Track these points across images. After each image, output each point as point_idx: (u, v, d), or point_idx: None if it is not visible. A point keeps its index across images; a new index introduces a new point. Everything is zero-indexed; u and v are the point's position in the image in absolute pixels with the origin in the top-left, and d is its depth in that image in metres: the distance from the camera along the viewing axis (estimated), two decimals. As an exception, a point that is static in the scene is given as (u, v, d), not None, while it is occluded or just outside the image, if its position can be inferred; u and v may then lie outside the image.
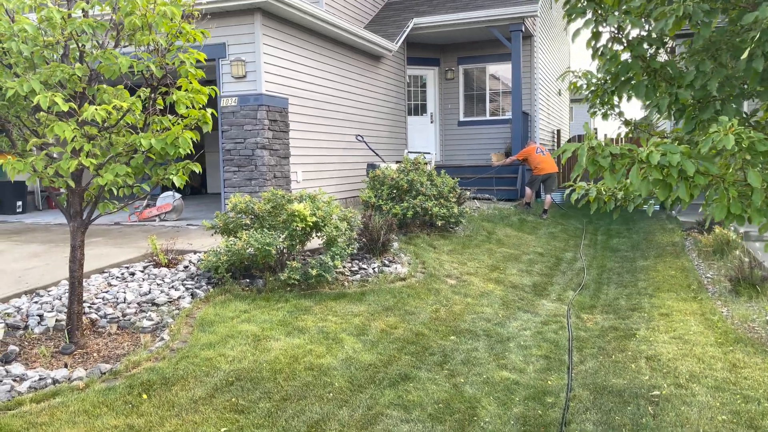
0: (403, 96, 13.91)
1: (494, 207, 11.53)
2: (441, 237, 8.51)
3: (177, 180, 4.63)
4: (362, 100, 11.70)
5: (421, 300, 6.01)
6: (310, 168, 9.76)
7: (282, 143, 8.75)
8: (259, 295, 5.68)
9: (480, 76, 15.43)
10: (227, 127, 8.51)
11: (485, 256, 8.06)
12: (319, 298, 5.68)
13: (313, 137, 9.86)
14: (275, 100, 8.60)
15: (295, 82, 9.28)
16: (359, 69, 11.57)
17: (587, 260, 8.75)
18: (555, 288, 7.20)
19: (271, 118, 8.49)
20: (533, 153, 11.96)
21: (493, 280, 7.13)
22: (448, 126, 15.56)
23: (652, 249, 9.28)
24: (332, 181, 10.51)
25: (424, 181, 8.28)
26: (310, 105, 9.75)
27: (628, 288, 7.23)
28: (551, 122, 17.68)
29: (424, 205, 7.97)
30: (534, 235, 10.15)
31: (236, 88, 8.46)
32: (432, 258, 7.46)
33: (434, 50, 15.21)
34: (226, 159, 8.56)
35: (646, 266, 8.20)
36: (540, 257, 8.60)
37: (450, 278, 6.92)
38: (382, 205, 8.11)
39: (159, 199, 9.45)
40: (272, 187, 8.50)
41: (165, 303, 5.29)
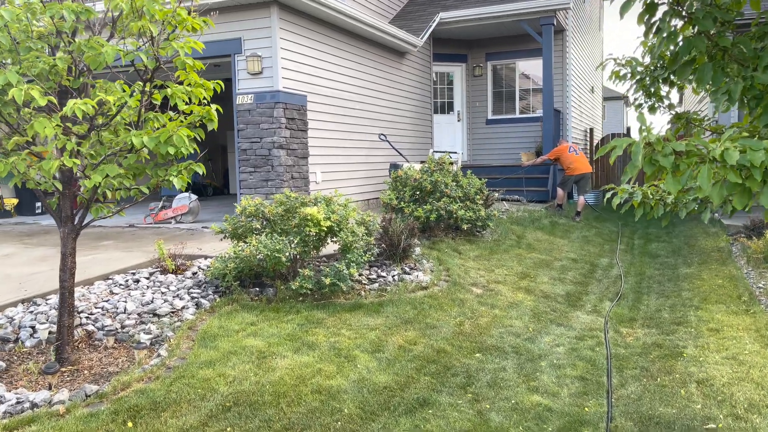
0: (429, 93, 13.43)
1: (524, 209, 10.98)
2: (467, 241, 8.02)
3: (177, 182, 4.27)
4: (386, 98, 11.26)
5: (444, 312, 5.54)
6: (330, 168, 9.36)
7: (300, 142, 8.37)
8: (268, 305, 5.28)
9: (509, 72, 14.85)
10: (243, 126, 8.16)
11: (514, 263, 7.54)
12: (332, 310, 5.26)
13: (334, 136, 9.46)
14: (293, 98, 8.22)
15: (314, 78, 8.89)
16: (382, 65, 11.13)
17: (624, 267, 8.16)
18: (590, 298, 6.66)
19: (289, 116, 8.10)
20: (566, 152, 11.36)
21: (523, 289, 6.62)
22: (476, 124, 15.03)
23: (695, 255, 8.64)
24: (354, 182, 10.10)
25: (449, 182, 7.80)
26: (330, 103, 9.35)
27: (670, 298, 6.64)
28: (583, 120, 17.00)
29: (448, 208, 7.49)
30: (566, 239, 9.58)
31: (252, 85, 8.10)
32: (456, 264, 6.98)
33: (461, 46, 14.69)
34: (241, 159, 8.21)
35: (690, 274, 7.59)
36: (573, 263, 8.04)
37: (476, 287, 6.43)
38: (404, 208, 7.66)
39: (175, 200, 9.15)
40: (289, 188, 8.12)
41: (167, 314, 4.92)
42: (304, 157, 8.49)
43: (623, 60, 3.67)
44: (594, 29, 19.21)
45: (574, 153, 11.35)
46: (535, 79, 14.52)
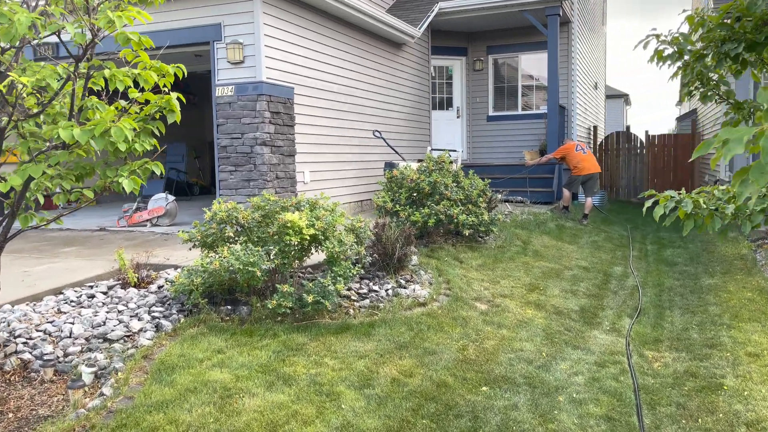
0: (427, 88, 12.71)
1: (528, 211, 10.27)
2: (468, 248, 7.30)
3: (128, 184, 3.58)
4: (381, 92, 10.53)
5: (445, 333, 4.82)
6: (320, 167, 8.63)
7: (286, 139, 7.64)
8: (241, 326, 4.56)
9: (511, 66, 14.14)
10: (223, 121, 7.42)
11: (521, 272, 6.83)
12: (315, 332, 4.53)
13: (324, 132, 8.73)
14: (278, 90, 7.49)
15: (302, 69, 8.15)
16: (378, 57, 10.40)
17: (641, 276, 7.45)
18: (607, 313, 5.95)
19: (273, 109, 7.37)
20: (572, 151, 10.66)
21: (533, 303, 5.90)
22: (476, 121, 14.31)
23: (716, 263, 7.94)
24: (346, 182, 9.37)
25: (449, 183, 7.09)
26: (319, 96, 8.62)
27: (697, 314, 5.94)
28: (588, 118, 16.30)
29: (448, 212, 6.77)
30: (575, 244, 8.87)
31: (233, 76, 7.37)
32: (458, 275, 6.27)
33: (461, 38, 13.97)
34: (221, 157, 7.48)
35: (714, 285, 6.89)
36: (585, 273, 7.34)
37: (480, 302, 5.72)
38: (399, 211, 6.94)
39: (151, 201, 8.42)
40: (274, 189, 7.40)
41: (120, 338, 4.20)
42: (291, 155, 7.76)
43: (669, 36, 2.95)
44: (598, 23, 18.51)
45: (581, 152, 10.64)
46: (539, 74, 13.81)
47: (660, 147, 16.92)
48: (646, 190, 11.78)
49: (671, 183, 16.80)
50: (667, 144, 16.99)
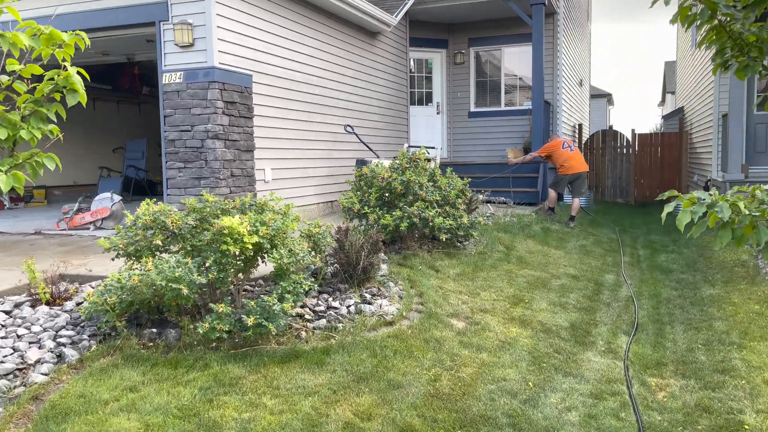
0: (405, 82, 11.95)
1: (512, 213, 9.56)
2: (446, 255, 6.56)
3: (4, 182, 2.76)
4: (354, 84, 9.76)
5: (414, 360, 4.07)
6: (283, 164, 7.84)
7: (243, 132, 6.83)
8: (165, 355, 3.76)
9: (494, 60, 13.44)
10: (170, 111, 6.60)
11: (504, 283, 6.10)
12: (256, 361, 3.75)
13: (289, 126, 7.94)
14: (233, 77, 6.68)
15: (263, 55, 7.35)
16: (350, 47, 9.63)
17: (635, 285, 6.77)
18: (601, 330, 5.24)
19: (227, 99, 6.56)
20: (559, 148, 9.98)
21: (517, 320, 5.17)
22: (457, 117, 13.59)
23: (715, 270, 7.29)
24: (314, 181, 8.59)
25: (425, 182, 6.34)
26: (284, 86, 7.82)
27: (701, 331, 5.25)
28: (573, 115, 15.68)
29: (423, 214, 6.02)
30: (562, 249, 8.17)
31: (182, 60, 6.55)
32: (433, 287, 5.52)
33: (442, 30, 13.24)
34: (169, 152, 6.65)
35: (716, 296, 6.22)
36: (574, 282, 6.63)
37: (457, 318, 4.97)
38: (368, 214, 6.17)
39: (94, 202, 7.56)
40: (228, 188, 6.59)
41: (11, 372, 3.38)
42: (249, 151, 6.95)
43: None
44: (583, 18, 17.90)
45: (568, 149, 9.96)
46: (523, 69, 13.12)
47: (647, 146, 16.36)
48: (633, 191, 11.12)
49: (658, 183, 16.25)
50: (654, 143, 16.44)
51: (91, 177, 12.60)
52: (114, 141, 13.35)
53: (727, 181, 10.11)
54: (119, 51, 8.97)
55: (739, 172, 10.12)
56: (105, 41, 7.89)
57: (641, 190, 16.22)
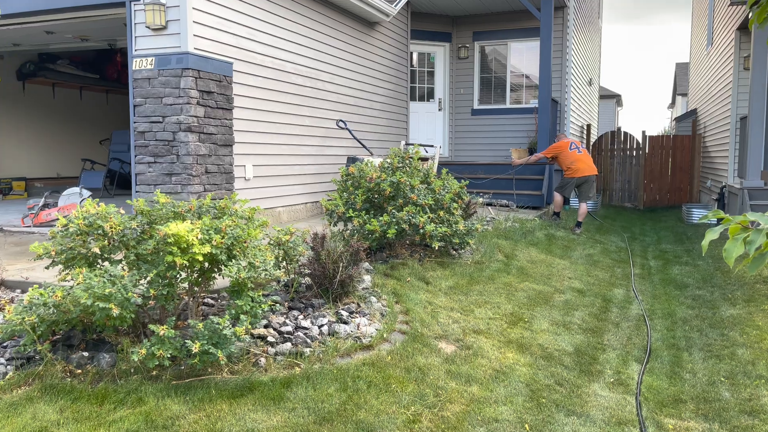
0: (405, 76, 11.34)
1: (514, 217, 8.96)
2: (439, 264, 5.96)
3: None
4: (349, 76, 9.16)
5: (391, 394, 3.48)
6: (266, 161, 7.25)
7: (221, 125, 6.25)
8: (95, 385, 3.18)
9: (500, 55, 12.81)
10: (141, 101, 6.02)
11: (502, 297, 5.50)
12: (202, 395, 3.17)
13: (274, 119, 7.35)
14: (210, 64, 6.09)
15: (246, 42, 6.76)
16: (346, 36, 9.03)
17: (646, 302, 6.16)
18: (609, 357, 4.63)
19: (203, 88, 5.98)
20: (566, 149, 9.35)
21: (515, 343, 4.57)
22: (460, 115, 12.98)
23: (735, 286, 6.66)
24: (301, 180, 8.00)
25: (417, 184, 5.74)
26: (269, 76, 7.23)
27: (723, 360, 4.64)
28: (581, 115, 15.04)
29: (413, 220, 5.43)
30: (567, 258, 7.56)
31: (153, 45, 5.97)
32: (421, 302, 4.92)
33: (445, 22, 12.62)
34: (138, 145, 6.07)
35: (737, 318, 5.60)
36: (580, 297, 6.03)
37: (446, 341, 4.38)
38: (353, 218, 5.58)
39: (62, 197, 6.99)
40: (202, 186, 6.01)
41: None
42: (227, 145, 6.37)
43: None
44: (594, 16, 17.23)
45: (576, 151, 9.34)
46: (530, 65, 12.49)
47: (658, 149, 15.69)
48: (642, 195, 10.39)
49: (669, 187, 15.60)
50: (665, 146, 15.77)
51: (76, 169, 12.06)
52: (102, 132, 12.80)
53: (746, 188, 9.47)
54: (99, 36, 8.39)
55: (759, 178, 9.48)
56: (80, 24, 7.32)
57: (650, 195, 15.57)
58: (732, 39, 11.11)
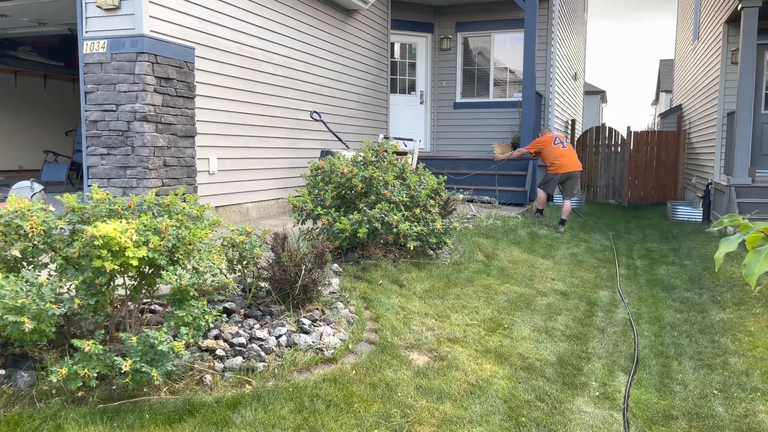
0: (385, 66, 10.94)
1: (496, 214, 8.62)
2: (414, 266, 5.59)
3: None
4: (325, 65, 8.74)
5: (353, 416, 3.10)
6: (234, 154, 6.82)
7: (181, 114, 5.81)
8: (9, 409, 2.77)
9: (483, 47, 12.45)
10: (92, 87, 5.56)
11: (481, 302, 5.14)
12: (132, 421, 2.76)
13: (242, 110, 6.92)
14: (169, 48, 5.65)
15: (211, 26, 6.32)
16: (322, 23, 8.60)
17: (633, 305, 5.85)
18: (594, 366, 4.30)
19: (161, 74, 5.54)
20: (550, 144, 9.02)
21: (493, 352, 4.21)
22: (442, 108, 12.61)
23: (724, 288, 6.37)
24: (270, 174, 7.58)
25: (391, 179, 5.35)
26: (237, 63, 6.80)
27: (715, 370, 4.32)
28: (566, 110, 14.75)
29: (386, 218, 5.04)
30: (550, 258, 7.23)
31: (106, 26, 5.51)
32: (393, 307, 4.55)
33: (427, 12, 12.22)
34: (90, 135, 5.62)
35: (728, 322, 5.30)
36: (563, 300, 5.69)
37: (419, 351, 4.01)
38: (322, 215, 5.19)
39: (11, 190, 6.51)
40: (160, 180, 5.58)
41: None
42: (189, 137, 5.93)
43: None
44: (579, 9, 16.94)
45: (560, 146, 9.02)
46: (514, 58, 12.14)
47: (642, 145, 15.46)
48: (626, 192, 10.07)
49: (653, 184, 15.38)
50: (650, 142, 15.55)
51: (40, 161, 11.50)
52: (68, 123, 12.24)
53: (733, 186, 9.22)
54: (57, 19, 7.89)
55: (746, 175, 9.23)
56: (33, 6, 6.84)
57: (635, 192, 15.34)
58: (720, 33, 10.85)
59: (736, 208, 8.94)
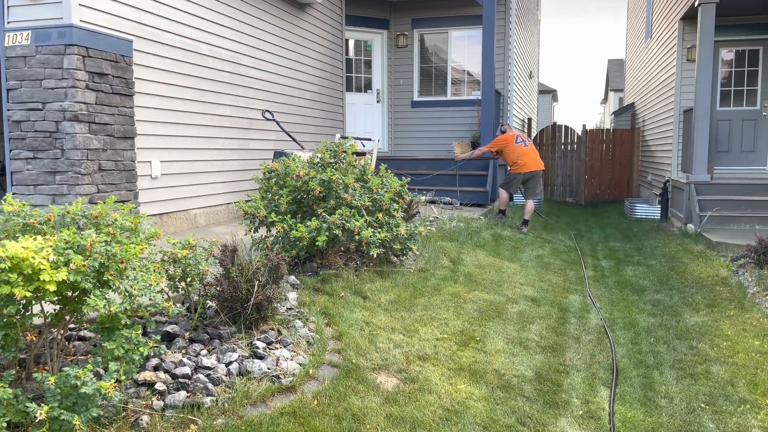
0: (340, 64, 10.53)
1: (458, 216, 8.33)
2: (378, 274, 5.21)
3: None
4: (277, 62, 8.28)
5: (316, 458, 2.70)
6: (179, 156, 6.30)
7: (118, 113, 5.27)
8: None
9: (440, 44, 12.18)
10: (15, 83, 4.97)
11: (450, 312, 4.80)
12: (50, 482, 2.29)
13: (187, 108, 6.40)
14: (104, 41, 5.11)
15: (151, 17, 5.80)
16: (273, 18, 8.13)
17: (605, 310, 5.62)
18: (574, 381, 4.00)
19: (94, 69, 5.00)
20: (511, 143, 8.80)
21: (467, 370, 3.87)
22: (399, 107, 12.28)
23: (694, 289, 6.23)
24: (220, 177, 7.07)
25: (351, 182, 4.96)
26: (182, 58, 6.28)
27: (699, 380, 4.10)
28: (523, 108, 14.65)
29: (347, 225, 4.65)
30: (517, 261, 6.97)
31: (30, 16, 4.94)
32: (357, 322, 4.16)
33: (383, 8, 11.87)
34: (14, 137, 5.03)
35: (703, 326, 5.12)
36: (535, 307, 5.41)
37: (387, 373, 3.63)
38: (276, 222, 4.75)
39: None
40: (94, 186, 5.03)
41: None
42: (127, 137, 5.39)
43: None
44: (533, 8, 16.90)
45: (522, 144, 8.80)
46: (471, 55, 11.91)
47: (598, 143, 15.50)
48: (583, 189, 9.91)
49: (609, 182, 15.44)
50: (605, 140, 15.61)
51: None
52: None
53: (692, 183, 9.19)
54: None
55: (705, 173, 9.21)
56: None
57: (591, 189, 15.37)
58: (675, 30, 10.86)
59: (696, 206, 8.91)
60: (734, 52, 10.73)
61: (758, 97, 10.60)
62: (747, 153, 10.77)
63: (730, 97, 10.77)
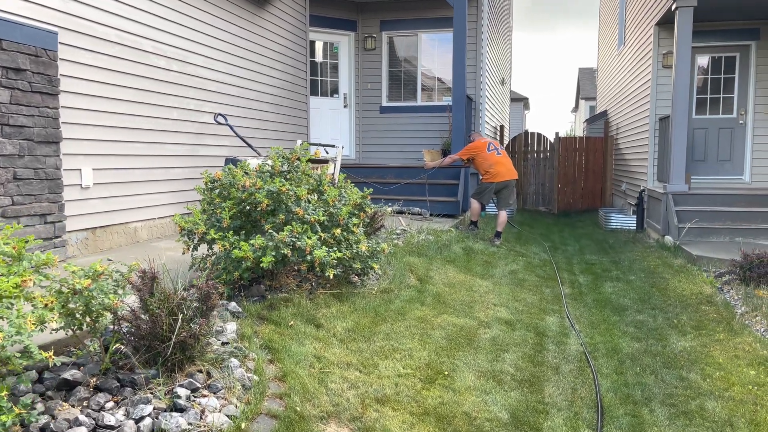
0: (304, 66, 9.96)
1: (428, 228, 7.81)
2: (335, 297, 4.64)
3: None
4: (232, 62, 7.67)
5: None
6: (115, 163, 5.66)
7: (39, 114, 4.63)
8: None
9: (410, 47, 11.70)
10: None
11: (415, 341, 4.26)
12: None
13: (124, 110, 5.77)
14: (19, 32, 4.47)
15: (78, 6, 5.17)
16: (228, 14, 7.54)
17: (585, 334, 5.14)
18: (555, 423, 3.49)
19: (7, 63, 4.35)
20: (483, 151, 8.34)
21: (433, 414, 3.33)
22: (367, 113, 11.76)
23: (678, 308, 5.80)
24: (165, 186, 6.44)
25: (304, 194, 4.39)
26: (119, 54, 5.65)
27: (693, 420, 3.62)
28: (495, 115, 14.26)
29: (298, 243, 4.08)
30: (490, 278, 6.47)
31: (-70, 0, 4.27)
32: (307, 358, 3.59)
33: (350, 8, 11.36)
34: None
35: (692, 352, 4.68)
36: (509, 331, 4.90)
37: (337, 423, 3.06)
38: (217, 240, 4.16)
39: None
40: (9, 197, 4.37)
41: None
42: (50, 142, 4.74)
43: None
44: (505, 14, 16.58)
45: (494, 152, 8.34)
46: (442, 59, 11.46)
47: (571, 151, 15.19)
48: (556, 198, 9.39)
49: (582, 191, 15.14)
50: (578, 148, 15.31)
51: None
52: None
53: (670, 193, 8.84)
54: None
55: (683, 183, 8.88)
56: None
57: (564, 198, 15.03)
58: (650, 35, 10.56)
59: (674, 217, 8.55)
60: (710, 58, 10.47)
61: (735, 105, 10.35)
62: (723, 162, 10.50)
63: (706, 104, 10.51)
